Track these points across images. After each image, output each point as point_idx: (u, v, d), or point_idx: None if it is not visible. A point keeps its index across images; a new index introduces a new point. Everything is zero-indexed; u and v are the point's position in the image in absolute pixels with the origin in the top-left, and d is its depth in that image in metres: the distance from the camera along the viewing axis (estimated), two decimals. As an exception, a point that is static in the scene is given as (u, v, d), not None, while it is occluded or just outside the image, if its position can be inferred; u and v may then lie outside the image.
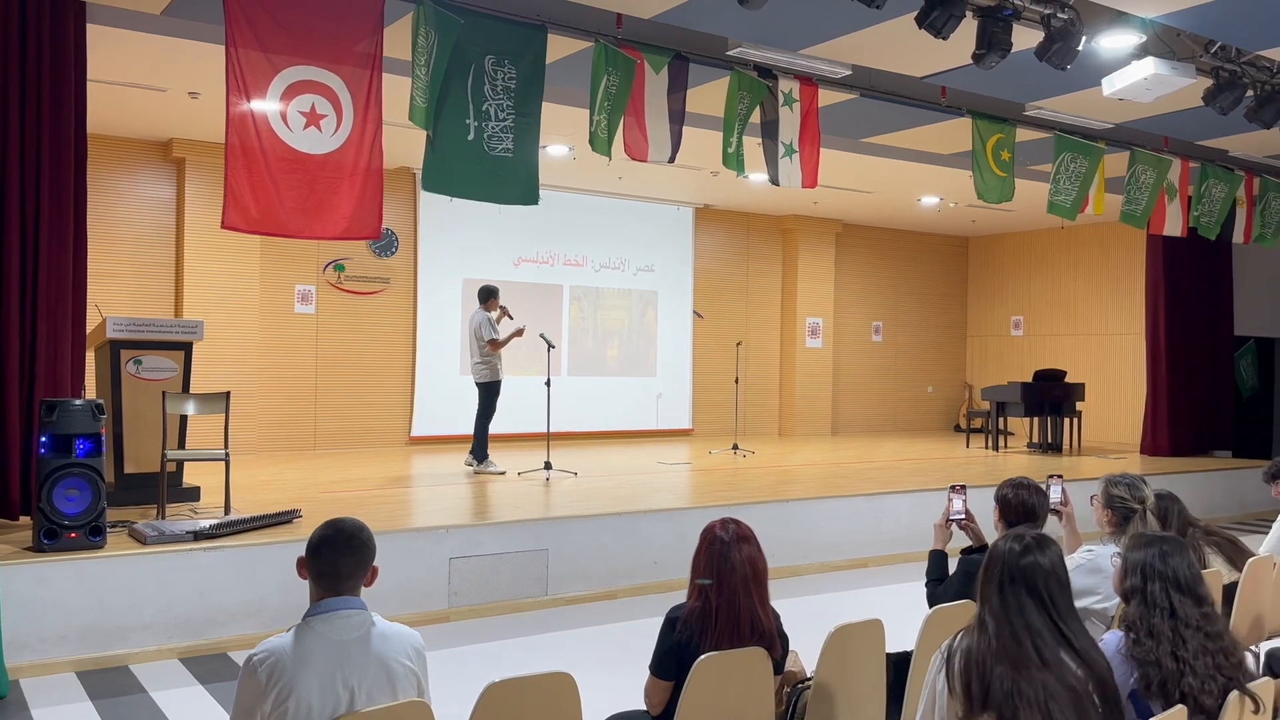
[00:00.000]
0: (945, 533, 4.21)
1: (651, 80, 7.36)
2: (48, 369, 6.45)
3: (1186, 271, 12.67)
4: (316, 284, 11.46)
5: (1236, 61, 7.86)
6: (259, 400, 10.85)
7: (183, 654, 5.59)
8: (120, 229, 10.32)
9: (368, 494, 8.12)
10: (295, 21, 6.16)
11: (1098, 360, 15.14)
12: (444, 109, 6.57)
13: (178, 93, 8.55)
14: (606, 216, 13.41)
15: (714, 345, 14.28)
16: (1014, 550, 2.47)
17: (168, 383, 7.32)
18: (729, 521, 3.20)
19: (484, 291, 9.70)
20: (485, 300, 9.62)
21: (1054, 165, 9.63)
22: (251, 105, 6.07)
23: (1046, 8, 6.82)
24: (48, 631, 5.30)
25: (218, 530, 5.97)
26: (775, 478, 9.81)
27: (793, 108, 8.04)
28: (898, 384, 16.35)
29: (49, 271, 6.46)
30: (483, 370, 9.47)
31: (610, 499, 8.02)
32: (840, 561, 8.20)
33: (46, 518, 5.51)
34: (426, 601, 6.34)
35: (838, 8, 6.31)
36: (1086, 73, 7.67)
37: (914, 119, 9.47)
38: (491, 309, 9.58)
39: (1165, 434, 12.54)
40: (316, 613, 2.52)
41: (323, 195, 6.34)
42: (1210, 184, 10.87)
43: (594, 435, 13.07)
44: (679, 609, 3.16)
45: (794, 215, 14.79)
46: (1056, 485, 4.58)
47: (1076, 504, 4.71)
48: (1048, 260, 15.96)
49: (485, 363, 9.45)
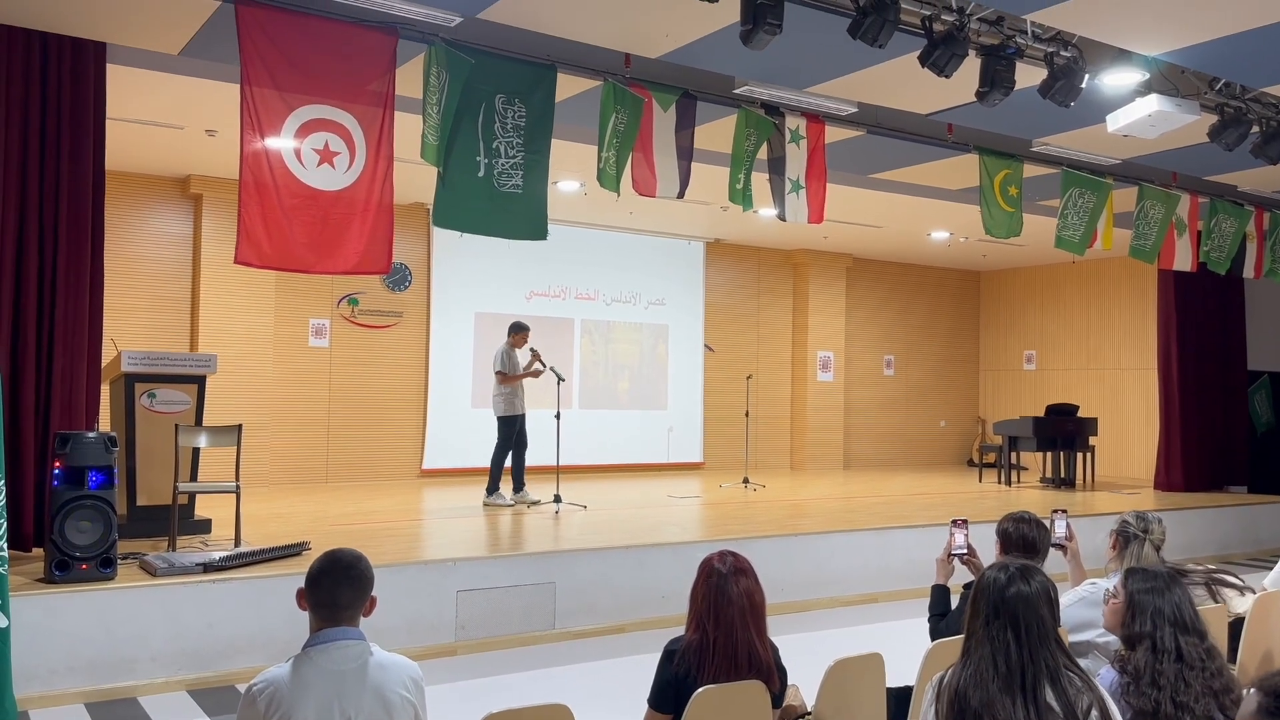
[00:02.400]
0: (947, 567, 4.21)
1: (659, 117, 7.46)
2: (63, 402, 6.54)
3: (1199, 306, 12.64)
4: (330, 318, 11.57)
5: (1241, 98, 7.90)
6: (272, 433, 10.93)
7: (190, 686, 5.61)
8: (137, 263, 10.46)
9: (377, 526, 8.15)
10: (309, 61, 6.29)
11: (1110, 395, 15.08)
12: (455, 146, 6.68)
13: (195, 130, 8.71)
14: (618, 251, 13.51)
15: (725, 379, 14.31)
16: (999, 581, 2.47)
17: (181, 415, 7.41)
18: (727, 554, 3.22)
19: (512, 326, 9.79)
20: (512, 335, 9.70)
21: (1062, 200, 9.67)
22: (266, 143, 6.19)
23: (1049, 46, 6.89)
24: (57, 662, 5.34)
25: (227, 562, 6.01)
26: (785, 512, 9.79)
27: (799, 144, 8.12)
28: (910, 418, 16.32)
29: (66, 305, 6.57)
30: (498, 403, 9.56)
31: (619, 532, 8.03)
32: (850, 596, 8.17)
33: (58, 549, 5.57)
34: (433, 634, 6.35)
35: (842, 47, 6.40)
36: (1092, 109, 7.73)
37: (921, 155, 9.54)
38: (517, 344, 9.65)
39: (1179, 469, 12.46)
40: (315, 643, 2.55)
41: (335, 231, 6.44)
42: (1220, 219, 10.88)
43: (604, 468, 13.08)
44: (677, 641, 3.17)
45: (804, 249, 14.86)
46: (1061, 520, 4.59)
47: (1088, 540, 4.70)
48: (1059, 295, 15.96)
49: (500, 395, 9.53)
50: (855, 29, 6.08)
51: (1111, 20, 6.16)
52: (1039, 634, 2.39)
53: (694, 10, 5.94)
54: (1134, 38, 6.49)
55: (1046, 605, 2.44)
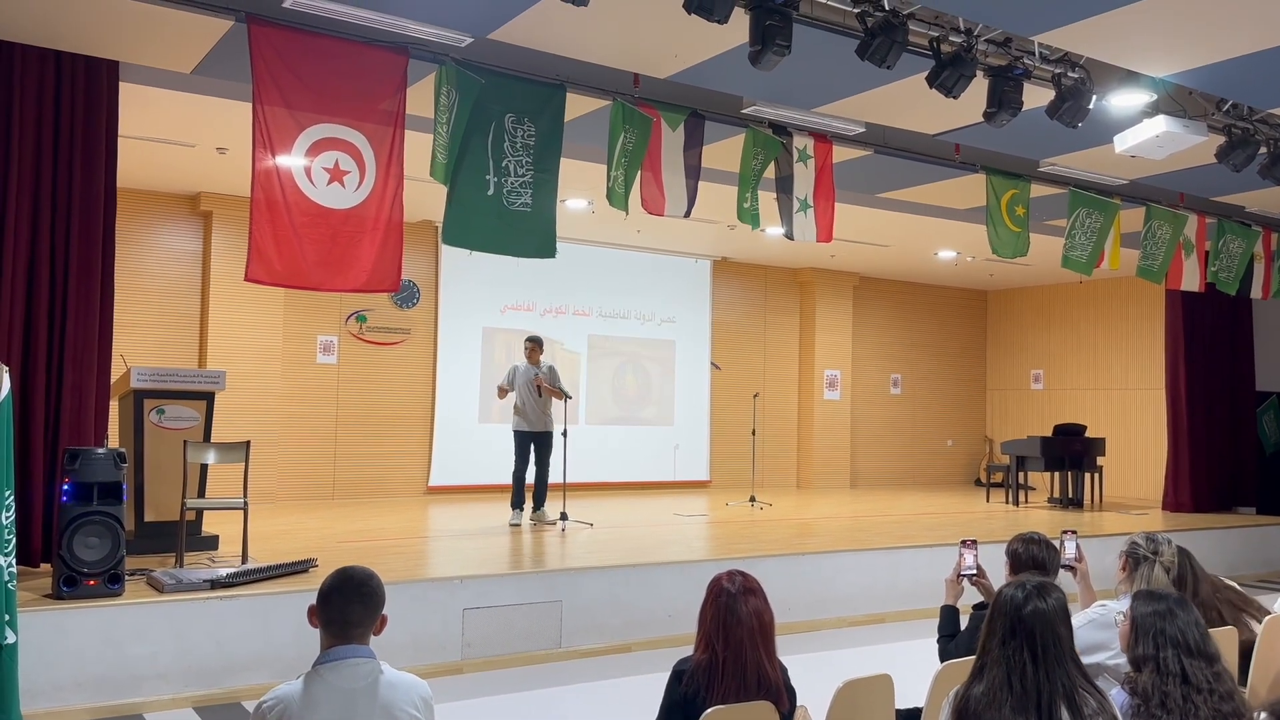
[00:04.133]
0: (956, 588, 4.20)
1: (668, 137, 7.50)
2: (72, 418, 6.57)
3: (1206, 326, 12.62)
4: (339, 335, 11.60)
5: (1249, 119, 7.91)
6: (280, 449, 10.94)
7: (197, 703, 5.60)
8: (147, 280, 10.52)
9: (384, 544, 8.15)
10: (320, 81, 6.34)
11: (1118, 415, 15.04)
12: (464, 165, 6.72)
13: (206, 148, 8.77)
14: (625, 269, 13.54)
15: (731, 397, 14.30)
16: (1016, 598, 2.45)
17: (189, 432, 7.42)
18: (736, 574, 3.21)
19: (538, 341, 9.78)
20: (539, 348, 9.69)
21: (1069, 221, 9.68)
22: (277, 161, 6.23)
23: (1057, 67, 6.92)
24: (64, 679, 5.33)
25: (234, 579, 6.01)
26: (792, 531, 9.77)
27: (807, 164, 8.15)
28: (917, 437, 16.29)
29: (76, 321, 6.61)
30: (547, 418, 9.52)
31: (626, 550, 8.01)
32: (857, 616, 8.13)
33: (66, 565, 5.57)
34: (440, 653, 6.34)
35: (849, 67, 6.43)
36: (1099, 130, 7.75)
37: (928, 175, 9.57)
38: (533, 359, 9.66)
39: (1187, 490, 12.41)
40: (325, 661, 2.55)
41: (344, 249, 6.47)
42: (1228, 239, 10.88)
43: (611, 486, 13.06)
44: (686, 661, 3.16)
45: (811, 268, 14.88)
46: (1071, 541, 4.56)
47: (1096, 560, 4.67)
48: (1067, 314, 15.94)
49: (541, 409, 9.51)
50: (864, 50, 6.12)
51: (1119, 42, 6.19)
52: (1055, 653, 2.37)
53: (702, 31, 5.97)
54: (1141, 59, 6.52)
55: (1064, 623, 2.42)
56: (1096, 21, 5.86)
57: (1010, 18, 6.04)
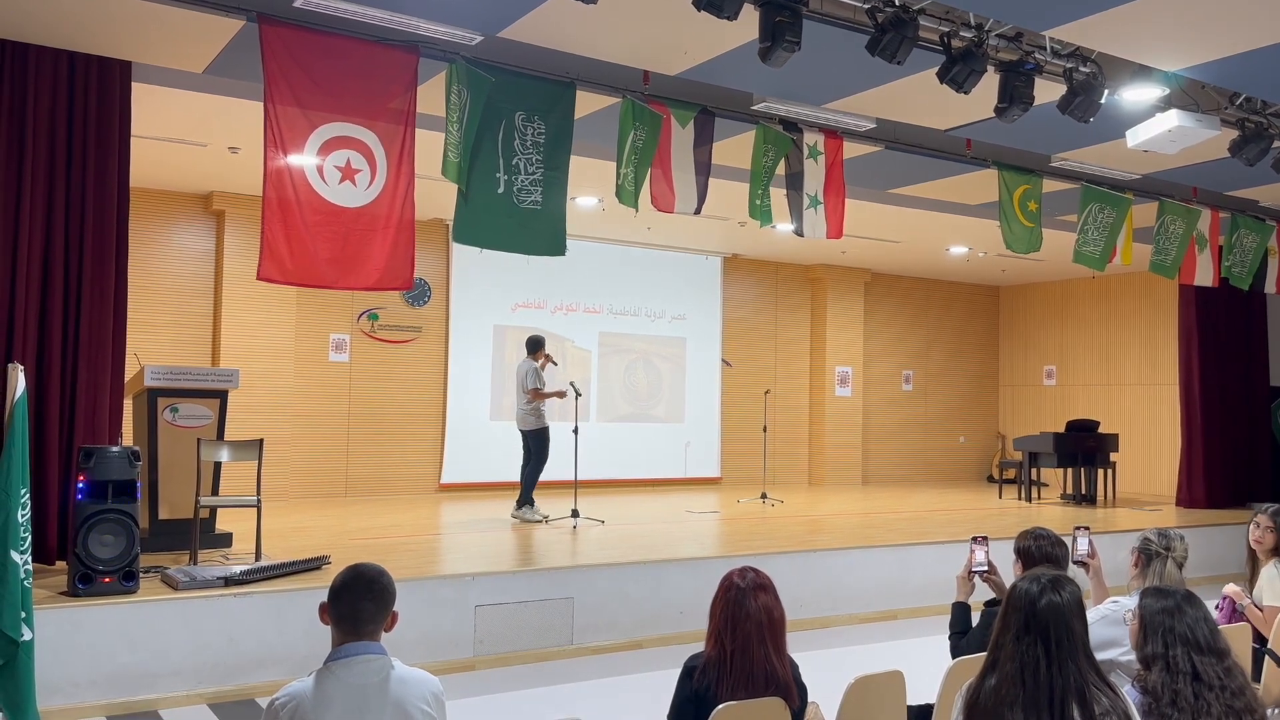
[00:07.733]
0: (967, 585, 4.19)
1: (678, 134, 7.50)
2: (86, 416, 6.62)
3: (1220, 321, 12.55)
4: (351, 333, 11.64)
5: (1262, 113, 7.87)
6: (292, 447, 10.99)
7: (211, 700, 5.63)
8: (160, 279, 10.57)
9: (396, 541, 8.18)
10: (332, 80, 6.36)
11: (1131, 410, 14.97)
12: (475, 163, 6.73)
13: (218, 147, 8.80)
14: (636, 266, 13.54)
15: (743, 393, 14.29)
16: (1031, 592, 2.43)
17: (203, 430, 7.46)
18: (747, 570, 3.22)
19: (531, 342, 9.88)
20: (533, 351, 9.80)
21: (1081, 216, 9.64)
22: (289, 160, 6.26)
23: (1068, 62, 6.88)
24: (79, 675, 5.38)
25: (248, 576, 6.04)
26: (803, 528, 9.76)
27: (817, 160, 8.13)
28: (929, 434, 16.25)
29: (90, 321, 6.65)
30: (529, 418, 9.62)
31: (637, 547, 8.02)
32: (869, 613, 8.13)
33: (81, 562, 5.61)
34: (452, 649, 6.36)
35: (860, 63, 6.41)
36: (1112, 124, 7.71)
37: (940, 170, 9.54)
38: (538, 359, 9.73)
39: (1201, 486, 12.34)
40: (337, 657, 2.57)
41: (356, 247, 6.50)
42: (1241, 234, 10.81)
43: (622, 483, 13.08)
44: (697, 658, 3.17)
45: (822, 264, 14.86)
46: (1084, 537, 4.55)
47: (1109, 556, 4.66)
48: (1080, 310, 15.88)
49: (530, 410, 9.60)
50: (874, 46, 6.10)
51: (1131, 36, 6.16)
52: (1069, 648, 2.34)
53: (712, 27, 5.97)
54: (1153, 53, 6.48)
55: (1078, 617, 2.40)
56: (1108, 16, 5.83)
57: (1021, 12, 6.02)
